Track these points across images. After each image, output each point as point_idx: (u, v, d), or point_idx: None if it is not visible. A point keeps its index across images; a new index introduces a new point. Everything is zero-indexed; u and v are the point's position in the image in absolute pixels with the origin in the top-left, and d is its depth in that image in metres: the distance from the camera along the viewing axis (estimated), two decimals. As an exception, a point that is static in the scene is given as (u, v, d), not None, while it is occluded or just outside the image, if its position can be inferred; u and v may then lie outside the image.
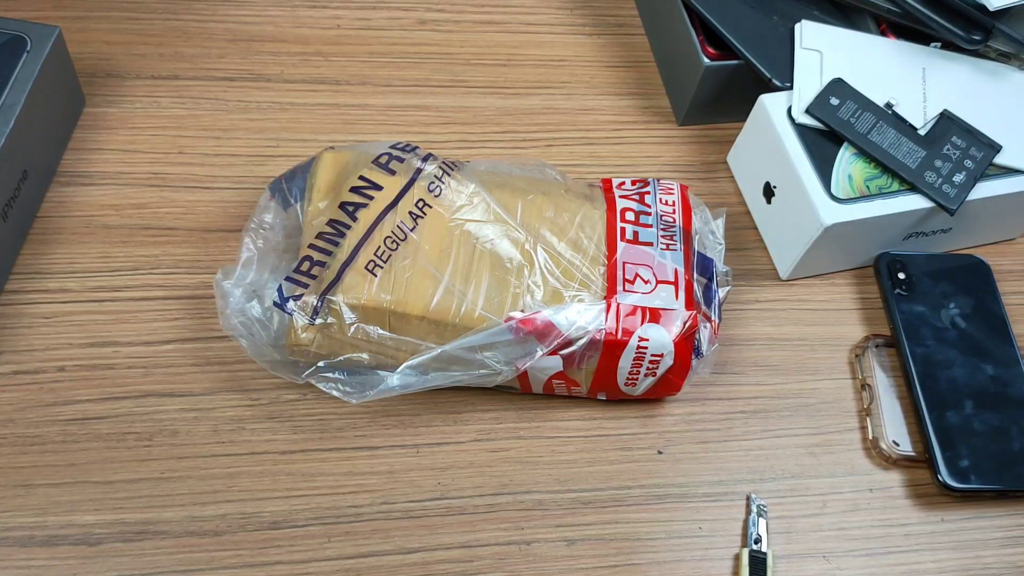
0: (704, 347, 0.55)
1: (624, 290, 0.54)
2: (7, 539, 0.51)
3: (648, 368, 0.54)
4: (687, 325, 0.53)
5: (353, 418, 0.56)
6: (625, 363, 0.54)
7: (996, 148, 0.63)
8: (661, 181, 0.59)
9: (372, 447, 0.56)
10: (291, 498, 0.53)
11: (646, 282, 0.54)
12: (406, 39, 0.72)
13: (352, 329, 0.52)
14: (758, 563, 0.54)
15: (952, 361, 0.61)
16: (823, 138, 0.62)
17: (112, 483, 0.53)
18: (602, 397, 0.58)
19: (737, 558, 0.55)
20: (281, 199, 0.57)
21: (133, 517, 0.52)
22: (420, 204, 0.55)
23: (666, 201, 0.58)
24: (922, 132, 0.63)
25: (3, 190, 0.56)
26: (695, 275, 0.56)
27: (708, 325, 0.55)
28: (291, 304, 0.52)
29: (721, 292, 0.57)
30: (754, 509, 0.56)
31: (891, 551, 0.56)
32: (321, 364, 0.53)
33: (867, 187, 0.61)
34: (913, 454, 0.58)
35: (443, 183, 0.56)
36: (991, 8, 0.63)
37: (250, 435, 0.55)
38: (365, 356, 0.53)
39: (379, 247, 0.53)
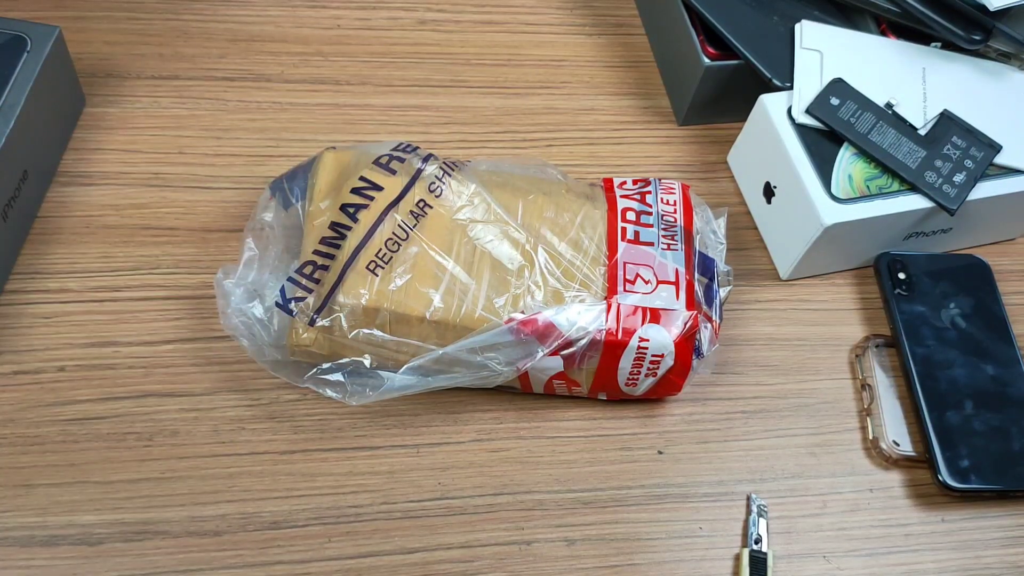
0: (705, 347, 0.55)
1: (625, 290, 0.54)
2: (7, 539, 0.51)
3: (649, 368, 0.54)
4: (688, 325, 0.53)
5: (353, 418, 0.56)
6: (626, 363, 0.54)
7: (996, 148, 0.63)
8: (662, 180, 0.59)
9: (372, 447, 0.56)
10: (291, 498, 0.53)
11: (647, 282, 0.54)
12: (406, 39, 0.72)
13: (353, 331, 0.52)
14: (758, 563, 0.54)
15: (952, 361, 0.61)
16: (823, 138, 0.62)
17: (112, 483, 0.53)
18: (602, 397, 0.58)
19: (737, 558, 0.55)
20: (282, 198, 0.57)
21: (133, 517, 0.52)
22: (421, 204, 0.55)
23: (667, 201, 0.58)
24: (922, 132, 0.63)
25: (3, 190, 0.56)
26: (696, 275, 0.56)
27: (709, 325, 0.55)
28: (293, 305, 0.52)
29: (722, 292, 0.57)
30: (754, 509, 0.56)
31: (891, 551, 0.56)
32: (324, 366, 0.53)
33: (867, 187, 0.61)
34: (913, 454, 0.58)
35: (444, 183, 0.56)
36: (991, 8, 0.63)
37: (250, 435, 0.55)
38: (366, 358, 0.53)
39: (380, 248, 0.53)
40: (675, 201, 0.58)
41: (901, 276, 0.64)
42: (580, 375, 0.55)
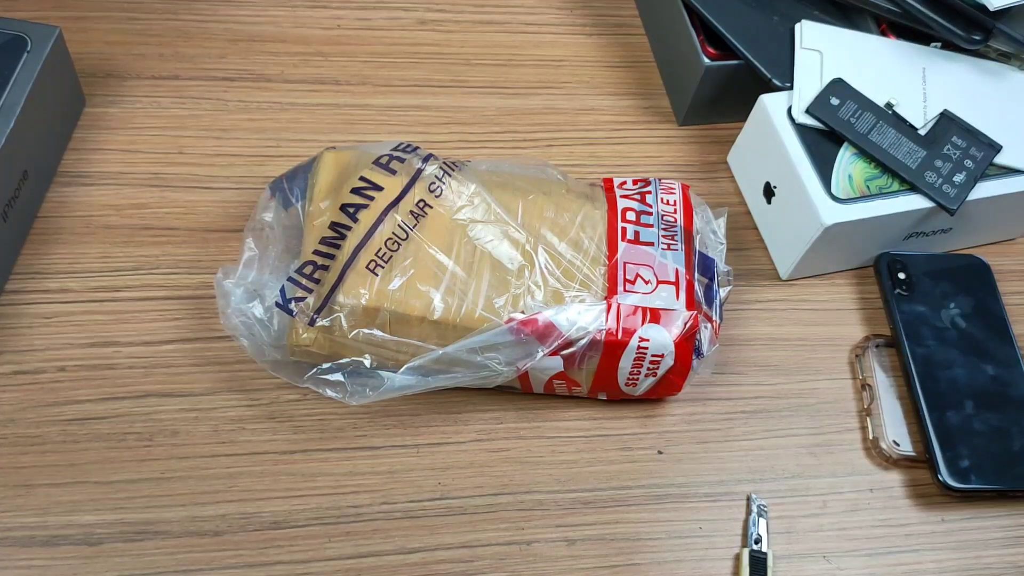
0: (705, 347, 0.55)
1: (625, 290, 0.54)
2: (8, 539, 0.51)
3: (649, 368, 0.54)
4: (688, 325, 0.53)
5: (353, 418, 0.56)
6: (626, 363, 0.54)
7: (996, 148, 0.63)
8: (662, 180, 0.59)
9: (372, 447, 0.56)
10: (291, 498, 0.53)
11: (647, 282, 0.54)
12: (406, 39, 0.72)
13: (353, 331, 0.52)
14: (758, 563, 0.54)
15: (952, 361, 0.61)
16: (823, 138, 0.62)
17: (112, 483, 0.53)
18: (603, 397, 0.58)
19: (737, 558, 0.55)
20: (282, 198, 0.57)
21: (134, 517, 0.52)
22: (421, 204, 0.55)
23: (667, 201, 0.58)
24: (922, 132, 0.63)
25: (3, 190, 0.56)
26: (696, 275, 0.56)
27: (709, 325, 0.55)
28: (293, 305, 0.52)
29: (722, 292, 0.57)
30: (754, 509, 0.56)
31: (891, 551, 0.56)
32: (324, 366, 0.53)
33: (867, 187, 0.61)
34: (913, 454, 0.58)
35: (444, 183, 0.56)
36: (991, 8, 0.63)
37: (250, 435, 0.55)
38: (366, 358, 0.53)
39: (380, 248, 0.53)
40: (675, 201, 0.58)
41: (901, 276, 0.64)
42: (580, 375, 0.55)
